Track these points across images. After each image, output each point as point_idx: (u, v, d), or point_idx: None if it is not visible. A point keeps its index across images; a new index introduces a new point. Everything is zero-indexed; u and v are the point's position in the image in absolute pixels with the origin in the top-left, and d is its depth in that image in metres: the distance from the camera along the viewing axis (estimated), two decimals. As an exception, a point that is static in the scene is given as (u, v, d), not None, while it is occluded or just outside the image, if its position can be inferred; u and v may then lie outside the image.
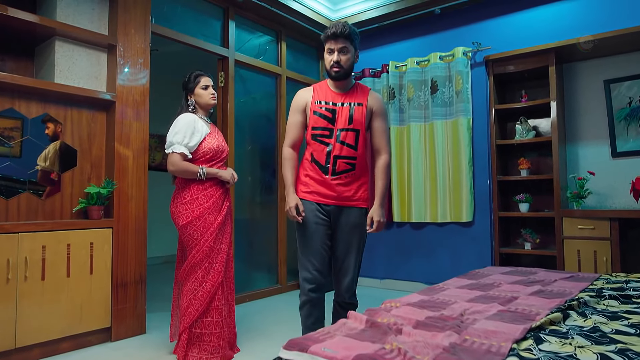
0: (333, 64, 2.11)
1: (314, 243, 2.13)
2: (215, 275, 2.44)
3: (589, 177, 3.52)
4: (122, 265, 2.90)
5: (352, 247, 2.17)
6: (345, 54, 2.10)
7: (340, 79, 2.14)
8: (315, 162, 2.14)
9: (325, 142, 2.12)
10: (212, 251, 2.45)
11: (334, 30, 2.08)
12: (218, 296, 2.45)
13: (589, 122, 3.72)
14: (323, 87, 2.21)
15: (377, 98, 2.22)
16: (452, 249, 4.12)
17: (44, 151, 2.75)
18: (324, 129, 2.12)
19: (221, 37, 3.94)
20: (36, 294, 2.48)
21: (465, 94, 4.01)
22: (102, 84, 3.00)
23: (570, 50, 3.55)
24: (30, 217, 2.68)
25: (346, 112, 2.12)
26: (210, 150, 2.50)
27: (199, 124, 2.49)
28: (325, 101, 2.15)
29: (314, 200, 2.14)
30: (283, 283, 4.37)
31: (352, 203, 2.15)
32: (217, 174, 2.49)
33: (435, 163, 4.17)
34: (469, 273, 2.40)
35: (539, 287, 2.00)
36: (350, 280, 2.18)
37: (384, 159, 2.20)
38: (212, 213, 2.46)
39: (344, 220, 2.15)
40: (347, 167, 2.11)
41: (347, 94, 2.17)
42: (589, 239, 3.33)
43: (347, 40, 2.10)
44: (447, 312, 1.57)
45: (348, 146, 2.10)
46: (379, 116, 2.19)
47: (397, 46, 4.53)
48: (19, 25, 2.60)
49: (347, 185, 2.13)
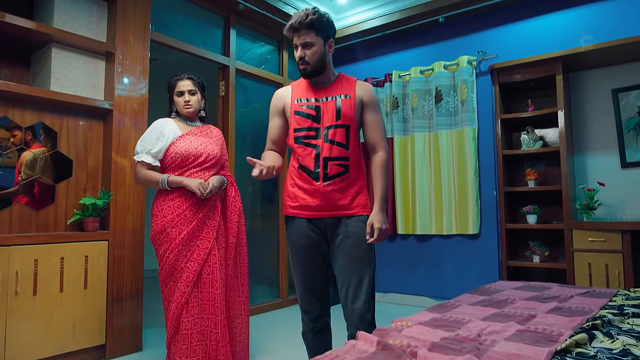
0: (298, 61, 1.83)
1: (307, 269, 1.86)
2: (179, 295, 2.20)
3: (599, 188, 3.43)
4: (118, 279, 2.79)
5: (357, 264, 1.80)
6: (310, 48, 1.80)
7: (310, 76, 1.85)
8: (303, 168, 1.83)
9: (311, 145, 1.82)
10: (174, 269, 2.22)
11: (292, 22, 1.79)
12: (184, 319, 2.19)
13: (597, 131, 3.64)
14: (302, 83, 1.92)
15: (366, 87, 1.91)
16: (458, 262, 4.02)
17: (17, 161, 2.58)
18: (309, 129, 1.82)
19: (222, 45, 3.88)
20: (27, 309, 2.37)
21: (470, 103, 3.94)
22: (100, 92, 2.92)
23: (577, 59, 3.48)
24: (23, 229, 2.58)
25: (332, 106, 1.83)
26: (178, 155, 2.27)
27: (167, 128, 2.31)
28: (306, 98, 1.86)
29: (305, 215, 1.84)
30: (284, 297, 4.25)
31: (350, 212, 1.83)
32: (182, 182, 2.22)
33: (440, 173, 4.08)
34: (480, 288, 2.29)
35: (555, 303, 1.90)
36: (362, 306, 1.77)
37: (381, 156, 1.87)
38: (176, 226, 2.22)
39: (342, 233, 1.82)
40: (340, 169, 1.80)
41: (331, 87, 1.88)
42: (600, 252, 3.22)
43: (310, 31, 1.79)
44: (463, 332, 1.46)
45: (339, 145, 1.80)
46: (370, 107, 1.88)
47: (401, 55, 4.47)
48: (15, 31, 2.54)
49: (342, 192, 1.81)
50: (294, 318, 3.74)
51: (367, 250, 1.82)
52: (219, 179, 2.33)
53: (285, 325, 3.56)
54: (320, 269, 1.88)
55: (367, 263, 1.82)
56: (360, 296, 1.78)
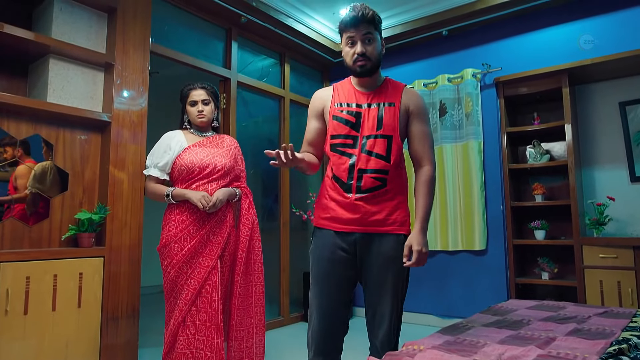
0: (357, 57, 1.67)
1: (328, 291, 1.66)
2: (177, 313, 2.13)
3: (609, 202, 3.34)
4: (114, 298, 2.68)
5: (386, 288, 1.63)
6: (371, 43, 1.68)
7: (368, 75, 1.71)
8: (336, 178, 1.69)
9: (347, 153, 1.67)
10: (175, 286, 2.16)
11: (355, 14, 1.64)
12: (180, 337, 2.11)
13: (604, 145, 3.57)
14: (345, 86, 1.78)
15: (414, 95, 1.76)
16: (464, 278, 3.91)
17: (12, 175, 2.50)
18: (346, 136, 1.68)
19: (223, 58, 3.83)
20: (17, 329, 2.26)
21: (475, 116, 3.87)
22: (98, 104, 2.85)
23: (584, 71, 3.43)
24: (15, 245, 2.48)
25: (374, 114, 1.68)
26: (184, 168, 2.22)
27: (174, 141, 2.26)
28: (347, 103, 1.72)
29: (334, 228, 1.67)
30: (285, 315, 4.13)
31: (386, 229, 1.65)
32: (185, 195, 2.15)
33: (445, 188, 3.99)
34: (492, 308, 2.19)
35: (574, 325, 1.80)
36: (386, 333, 1.62)
37: (427, 171, 1.69)
38: (179, 242, 2.15)
39: (374, 252, 1.65)
40: (376, 183, 1.64)
41: (376, 93, 1.73)
42: (612, 269, 3.12)
43: (371, 26, 1.67)
44: (480, 357, 1.36)
45: (377, 157, 1.65)
46: (417, 117, 1.72)
47: (403, 68, 4.43)
48: (13, 42, 2.48)
49: (377, 205, 1.64)
50: (296, 336, 3.62)
51: (401, 275, 1.65)
52: (225, 192, 2.24)
53: (287, 344, 3.44)
54: (342, 291, 1.68)
55: (399, 290, 1.65)
56: (385, 323, 1.63)
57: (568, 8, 3.64)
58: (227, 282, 2.29)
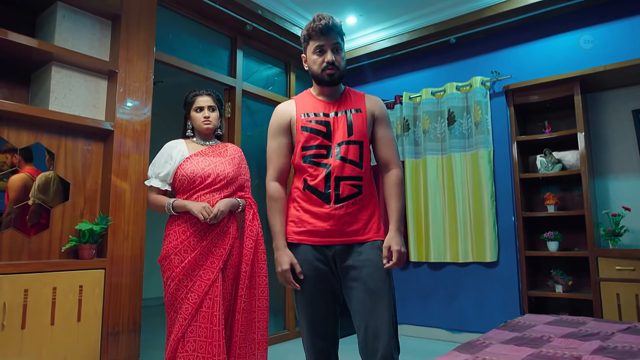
0: (327, 66, 1.67)
1: (314, 307, 1.65)
2: (177, 328, 2.05)
3: (624, 212, 3.24)
4: (115, 311, 2.60)
5: (376, 297, 1.57)
6: (339, 53, 1.70)
7: (336, 84, 1.72)
8: (311, 189, 1.65)
9: (322, 164, 1.65)
10: (175, 299, 2.08)
11: (325, 23, 1.65)
12: (179, 354, 2.03)
13: (618, 154, 3.48)
14: (306, 97, 1.78)
15: (376, 101, 1.79)
16: (475, 291, 3.79)
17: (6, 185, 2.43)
18: (319, 146, 1.66)
19: (228, 66, 3.79)
20: (14, 344, 2.18)
21: (484, 125, 3.80)
22: (101, 112, 2.80)
23: (596, 79, 3.36)
24: (13, 257, 2.41)
25: (343, 121, 1.69)
26: (185, 178, 2.15)
27: (175, 151, 2.20)
28: (314, 112, 1.71)
29: (311, 242, 1.64)
30: (291, 329, 4.03)
31: (364, 237, 1.64)
32: (185, 206, 2.09)
33: (454, 198, 3.90)
34: (509, 323, 2.09)
35: (598, 342, 1.70)
36: (386, 347, 1.52)
37: (396, 173, 1.72)
38: (179, 254, 2.08)
39: (355, 262, 1.62)
40: (353, 190, 1.64)
41: (340, 101, 1.74)
42: (630, 282, 3.02)
43: (339, 36, 1.70)
44: (503, 379, 1.27)
45: (351, 163, 1.65)
46: (382, 122, 1.76)
47: (411, 77, 4.37)
48: (15, 49, 2.44)
49: (355, 215, 1.64)
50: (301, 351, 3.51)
51: (386, 279, 1.61)
52: (227, 203, 2.17)
53: (292, 359, 3.33)
54: (328, 305, 1.67)
55: (387, 294, 1.59)
56: (383, 335, 1.53)
57: (579, 15, 3.58)
58: (229, 297, 2.20)
